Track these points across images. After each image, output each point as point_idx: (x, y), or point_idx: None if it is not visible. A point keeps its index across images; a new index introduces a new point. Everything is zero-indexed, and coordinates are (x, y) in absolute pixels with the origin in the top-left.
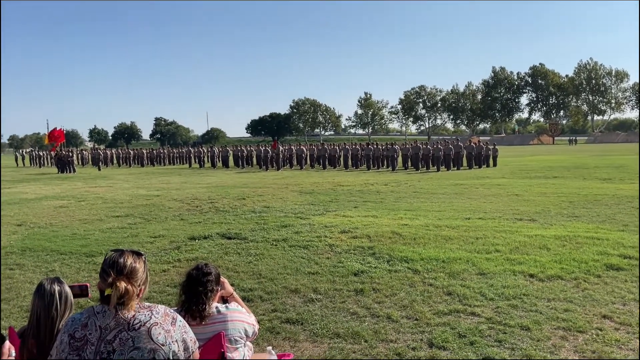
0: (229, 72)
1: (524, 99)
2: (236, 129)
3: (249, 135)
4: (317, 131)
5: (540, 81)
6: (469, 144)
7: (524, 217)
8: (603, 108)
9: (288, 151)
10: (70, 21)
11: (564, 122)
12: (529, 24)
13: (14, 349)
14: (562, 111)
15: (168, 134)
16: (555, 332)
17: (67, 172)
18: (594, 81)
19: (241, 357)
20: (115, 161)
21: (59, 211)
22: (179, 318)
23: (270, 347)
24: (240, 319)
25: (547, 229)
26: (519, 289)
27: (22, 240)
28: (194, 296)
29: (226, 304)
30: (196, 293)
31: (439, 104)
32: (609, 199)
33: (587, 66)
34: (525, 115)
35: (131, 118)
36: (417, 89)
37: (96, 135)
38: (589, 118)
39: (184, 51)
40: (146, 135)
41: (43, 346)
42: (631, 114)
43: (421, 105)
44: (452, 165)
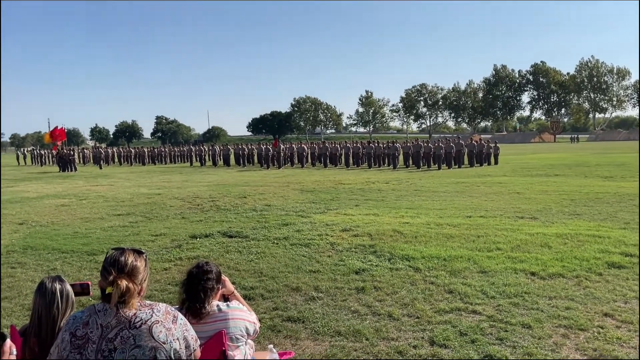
0: (230, 71)
1: (525, 97)
2: (237, 127)
3: (250, 133)
4: (318, 129)
5: (541, 79)
6: (470, 142)
7: (525, 215)
8: (604, 106)
9: (289, 149)
10: (71, 20)
11: (566, 120)
12: (530, 22)
13: (16, 347)
14: (563, 109)
15: (169, 132)
16: (556, 330)
17: (68, 170)
18: (595, 79)
19: (242, 355)
20: (116, 160)
21: (60, 210)
22: (180, 316)
23: (272, 345)
24: (242, 317)
25: (549, 227)
26: (520, 287)
27: (24, 239)
28: (195, 294)
29: (227, 302)
30: (197, 291)
31: (440, 102)
32: (610, 197)
33: (588, 64)
34: (526, 113)
35: (132, 117)
36: (419, 87)
37: (97, 133)
38: (591, 116)
39: (185, 50)
40: (147, 133)
41: (44, 344)
42: (633, 111)
43: (422, 103)
44: (453, 163)
